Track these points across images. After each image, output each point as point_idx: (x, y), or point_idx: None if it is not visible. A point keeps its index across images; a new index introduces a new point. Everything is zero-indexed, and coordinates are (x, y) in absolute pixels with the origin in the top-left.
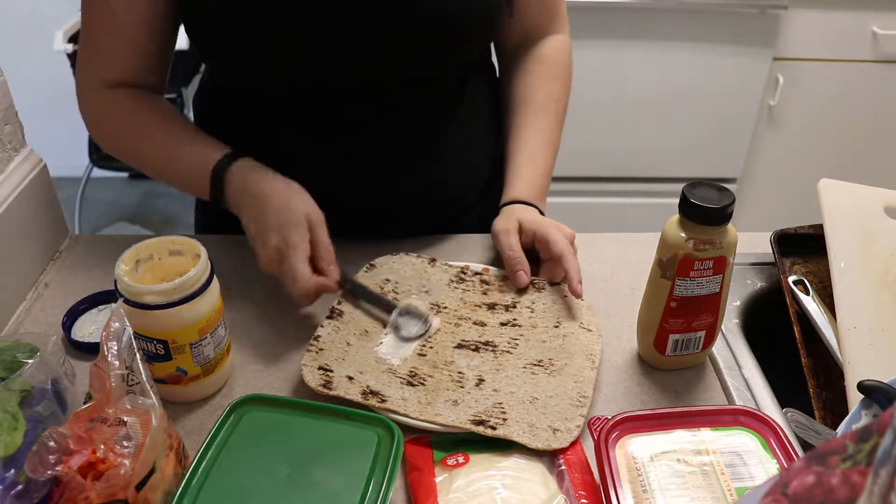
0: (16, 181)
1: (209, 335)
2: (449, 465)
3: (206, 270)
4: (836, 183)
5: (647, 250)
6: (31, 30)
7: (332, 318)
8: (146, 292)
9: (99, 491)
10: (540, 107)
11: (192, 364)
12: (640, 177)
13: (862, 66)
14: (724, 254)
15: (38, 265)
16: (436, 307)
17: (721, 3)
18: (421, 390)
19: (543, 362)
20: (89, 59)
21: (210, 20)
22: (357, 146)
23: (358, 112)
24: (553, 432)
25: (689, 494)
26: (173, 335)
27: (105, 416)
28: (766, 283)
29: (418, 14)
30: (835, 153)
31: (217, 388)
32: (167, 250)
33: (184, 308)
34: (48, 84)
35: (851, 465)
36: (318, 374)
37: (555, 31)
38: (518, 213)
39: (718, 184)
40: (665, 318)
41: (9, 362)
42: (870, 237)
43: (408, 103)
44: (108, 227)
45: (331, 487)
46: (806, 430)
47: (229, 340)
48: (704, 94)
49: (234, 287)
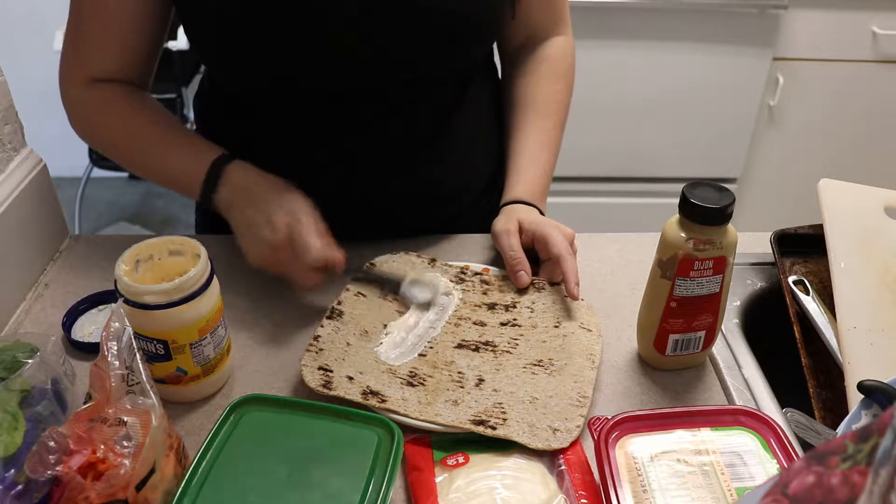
0: (16, 181)
1: (209, 335)
2: (449, 465)
3: (206, 270)
4: (836, 183)
5: (647, 250)
6: (31, 30)
7: (332, 318)
8: (146, 292)
9: (99, 491)
10: (542, 107)
11: (193, 364)
12: (640, 177)
13: (862, 66)
14: (724, 254)
15: (38, 265)
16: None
17: (721, 3)
18: (421, 390)
19: (543, 362)
20: (76, 52)
21: (207, 21)
22: (358, 146)
23: (359, 112)
24: (553, 432)
25: (689, 494)
26: (173, 335)
27: (105, 416)
28: (766, 283)
29: (421, 15)
30: (835, 153)
31: (217, 388)
32: (167, 250)
33: (184, 308)
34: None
35: (851, 465)
36: (318, 374)
37: (558, 32)
38: (518, 213)
39: (718, 184)
40: (665, 318)
41: (9, 362)
42: (870, 237)
43: (409, 104)
44: (108, 227)
45: (331, 487)
46: (806, 430)
47: (229, 340)
48: (704, 94)
49: (234, 287)
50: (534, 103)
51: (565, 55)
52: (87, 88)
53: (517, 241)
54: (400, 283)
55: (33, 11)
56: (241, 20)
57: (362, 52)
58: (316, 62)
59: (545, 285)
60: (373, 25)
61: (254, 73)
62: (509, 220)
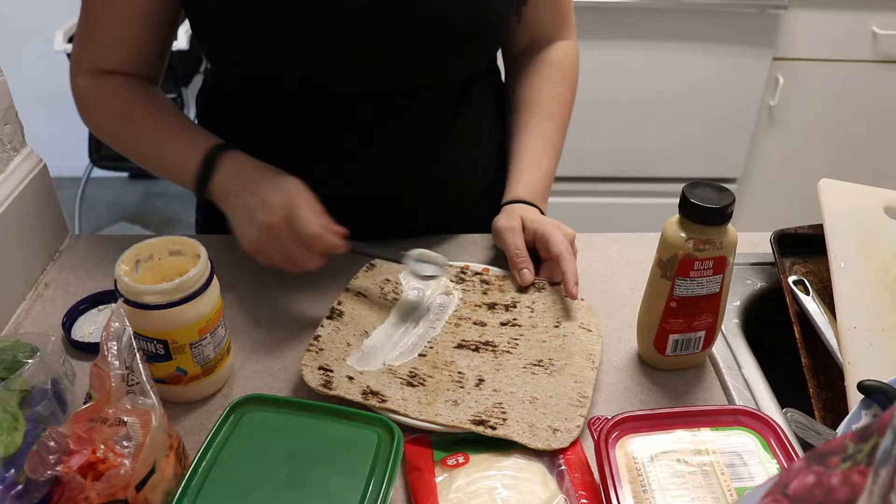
0: (16, 181)
1: (209, 335)
2: (449, 465)
3: (207, 270)
4: (836, 183)
5: (647, 250)
6: (31, 30)
7: (332, 318)
8: (146, 292)
9: (99, 491)
10: (545, 109)
11: (193, 364)
12: (640, 177)
13: (862, 66)
14: (724, 254)
15: (38, 265)
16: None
17: (721, 3)
18: (421, 390)
19: (543, 362)
20: (86, 44)
21: (213, 19)
22: (361, 146)
23: (363, 113)
24: (553, 432)
25: (689, 494)
26: (173, 335)
27: (105, 416)
28: (766, 283)
29: (426, 19)
30: (835, 153)
31: (217, 389)
32: (167, 250)
33: (184, 308)
34: (48, 84)
35: (851, 465)
36: (319, 373)
37: (563, 36)
38: (520, 211)
39: (718, 184)
40: (665, 318)
41: (9, 362)
42: (870, 237)
43: (413, 105)
44: (108, 227)
45: (331, 487)
46: (806, 430)
47: (229, 340)
48: (704, 94)
49: (234, 287)
50: (537, 105)
51: (570, 59)
52: (95, 79)
53: (521, 239)
54: (403, 255)
55: (33, 12)
56: (246, 19)
57: (367, 54)
58: (321, 63)
59: (545, 285)
60: (379, 28)
61: (259, 72)
62: (511, 217)
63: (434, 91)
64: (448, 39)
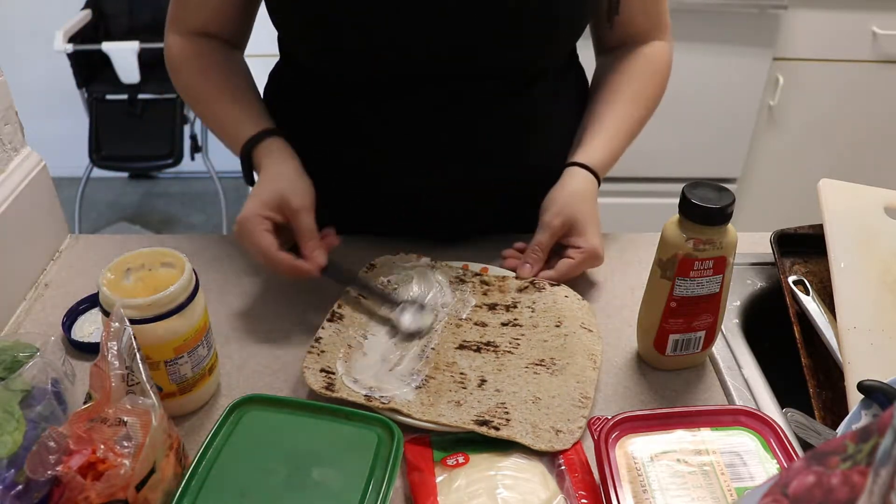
0: (16, 181)
1: (186, 354)
2: (449, 465)
3: (187, 289)
4: (836, 183)
5: (647, 250)
6: (32, 30)
7: (333, 320)
8: (121, 305)
9: (99, 491)
10: (633, 97)
11: (168, 381)
12: (640, 177)
13: (862, 66)
14: (724, 254)
15: (38, 265)
16: (436, 309)
17: (721, 3)
18: (423, 391)
19: (545, 362)
20: (175, 4)
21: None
22: (435, 137)
23: (437, 102)
24: (556, 433)
25: (689, 494)
26: (147, 351)
27: (105, 416)
28: (766, 283)
29: (506, 11)
30: (835, 153)
31: (198, 406)
32: (159, 261)
33: (158, 325)
34: (48, 84)
35: (851, 465)
36: (321, 376)
37: (656, 37)
38: (579, 206)
39: (718, 184)
40: (665, 318)
41: (9, 362)
42: (870, 237)
43: (487, 97)
44: (108, 227)
45: (331, 487)
46: (806, 430)
47: (214, 361)
48: (704, 94)
49: (235, 287)
50: (627, 91)
51: (663, 58)
52: (182, 38)
53: (549, 238)
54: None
55: (33, 12)
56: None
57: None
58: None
59: (545, 285)
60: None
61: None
62: (563, 213)
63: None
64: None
